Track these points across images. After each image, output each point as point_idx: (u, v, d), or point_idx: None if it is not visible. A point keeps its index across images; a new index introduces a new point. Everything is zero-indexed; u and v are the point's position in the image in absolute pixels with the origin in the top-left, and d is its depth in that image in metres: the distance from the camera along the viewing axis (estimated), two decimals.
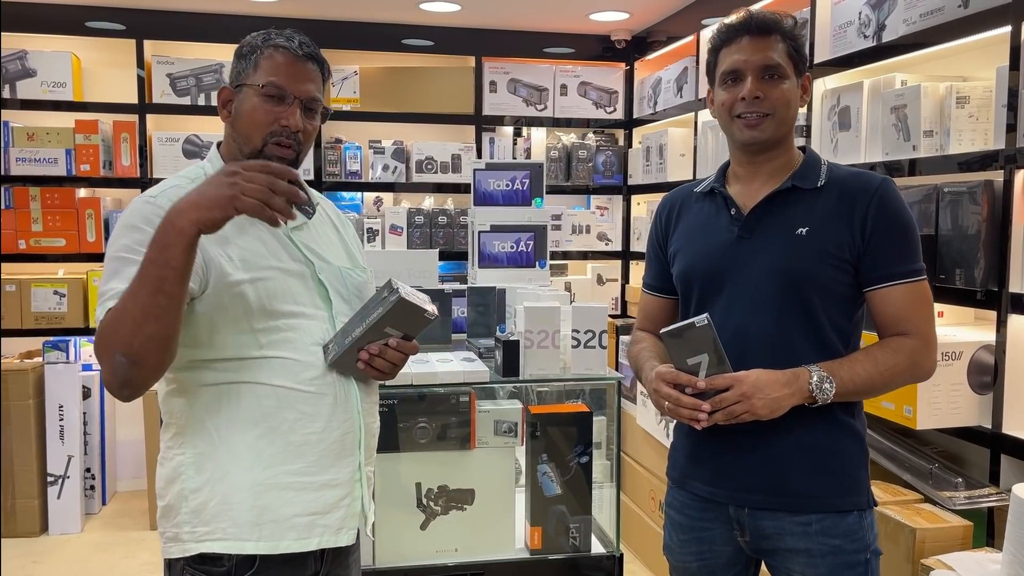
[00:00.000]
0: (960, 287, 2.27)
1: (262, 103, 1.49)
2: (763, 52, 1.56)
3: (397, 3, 4.01)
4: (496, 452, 2.18)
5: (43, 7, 4.03)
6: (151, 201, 1.44)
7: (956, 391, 2.24)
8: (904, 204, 1.59)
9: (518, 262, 3.03)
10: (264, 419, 1.46)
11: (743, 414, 1.48)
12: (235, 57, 1.55)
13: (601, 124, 4.75)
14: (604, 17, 4.25)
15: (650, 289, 1.83)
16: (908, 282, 1.55)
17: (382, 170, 4.44)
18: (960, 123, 2.35)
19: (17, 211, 4.02)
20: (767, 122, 1.57)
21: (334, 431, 1.50)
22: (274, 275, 1.48)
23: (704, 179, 1.75)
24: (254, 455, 1.46)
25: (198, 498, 1.46)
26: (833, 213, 1.56)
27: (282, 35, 1.53)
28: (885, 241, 1.55)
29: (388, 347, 1.50)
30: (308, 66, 1.52)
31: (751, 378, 1.48)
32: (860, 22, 2.72)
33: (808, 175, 1.60)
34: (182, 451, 1.48)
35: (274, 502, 1.46)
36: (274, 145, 1.50)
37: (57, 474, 3.91)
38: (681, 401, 1.51)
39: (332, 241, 1.65)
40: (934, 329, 1.59)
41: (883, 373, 1.53)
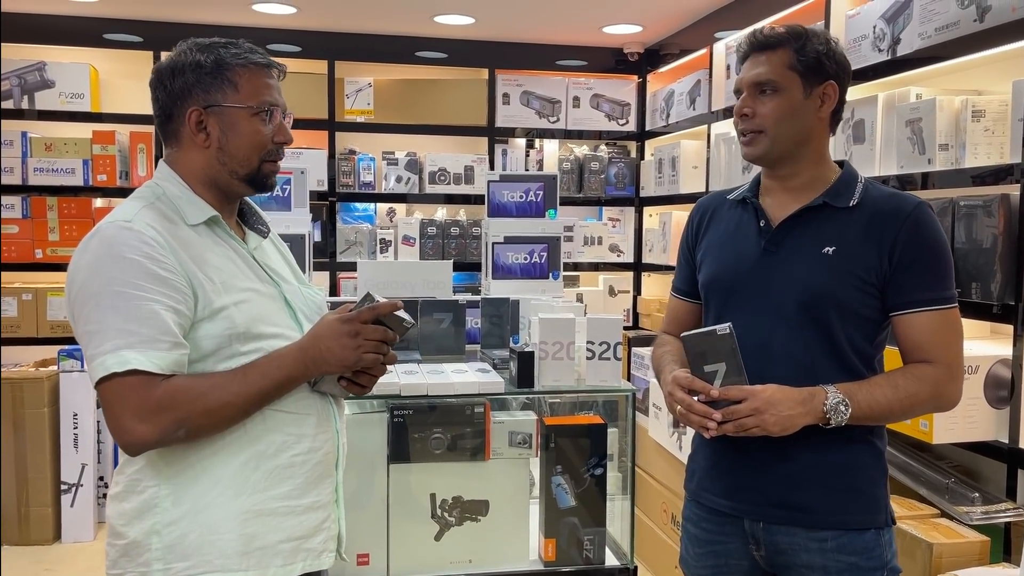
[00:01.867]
0: (976, 301, 2.26)
1: (259, 124, 1.46)
2: (757, 68, 1.56)
3: (411, 16, 4.04)
4: (510, 463, 2.18)
5: (62, 19, 4.08)
6: (127, 226, 1.37)
7: (973, 405, 2.23)
8: (939, 229, 1.54)
9: (531, 273, 3.03)
10: (251, 444, 1.42)
11: (753, 428, 1.46)
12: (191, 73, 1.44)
13: (613, 136, 4.77)
14: (617, 30, 4.27)
15: (679, 293, 1.82)
16: (935, 309, 1.51)
17: (395, 181, 4.46)
18: (976, 137, 2.35)
19: (34, 220, 4.06)
20: (759, 139, 1.57)
21: (318, 451, 1.48)
22: (252, 297, 1.45)
23: (739, 187, 1.73)
24: (239, 482, 1.41)
25: (174, 532, 1.38)
26: (862, 235, 1.53)
27: (243, 47, 1.49)
28: (914, 267, 1.51)
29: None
30: (277, 75, 1.51)
31: (766, 393, 1.47)
32: (875, 36, 2.73)
33: (842, 193, 1.58)
34: (155, 483, 1.39)
35: (261, 529, 1.42)
36: (269, 162, 1.49)
37: (71, 482, 3.92)
38: (693, 407, 1.50)
39: (279, 260, 1.62)
40: (961, 359, 1.55)
41: (903, 400, 1.50)
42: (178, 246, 1.38)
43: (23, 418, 3.85)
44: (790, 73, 1.55)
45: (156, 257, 1.34)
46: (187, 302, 1.36)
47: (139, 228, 1.36)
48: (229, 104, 1.44)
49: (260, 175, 1.48)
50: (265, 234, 1.58)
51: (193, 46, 1.48)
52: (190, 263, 1.38)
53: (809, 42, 1.56)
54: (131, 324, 1.31)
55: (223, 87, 1.44)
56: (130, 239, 1.35)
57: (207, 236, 1.45)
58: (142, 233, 1.35)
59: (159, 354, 1.32)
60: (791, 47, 1.56)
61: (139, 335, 1.31)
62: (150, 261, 1.34)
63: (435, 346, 2.46)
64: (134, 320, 1.31)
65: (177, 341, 1.34)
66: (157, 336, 1.32)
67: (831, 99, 1.58)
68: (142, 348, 1.31)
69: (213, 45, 1.47)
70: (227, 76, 1.45)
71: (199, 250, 1.41)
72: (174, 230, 1.40)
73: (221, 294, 1.40)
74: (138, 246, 1.34)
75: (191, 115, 1.44)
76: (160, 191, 1.46)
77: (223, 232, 1.48)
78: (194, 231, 1.43)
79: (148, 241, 1.35)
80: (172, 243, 1.37)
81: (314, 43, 4.33)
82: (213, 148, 1.45)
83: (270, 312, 1.46)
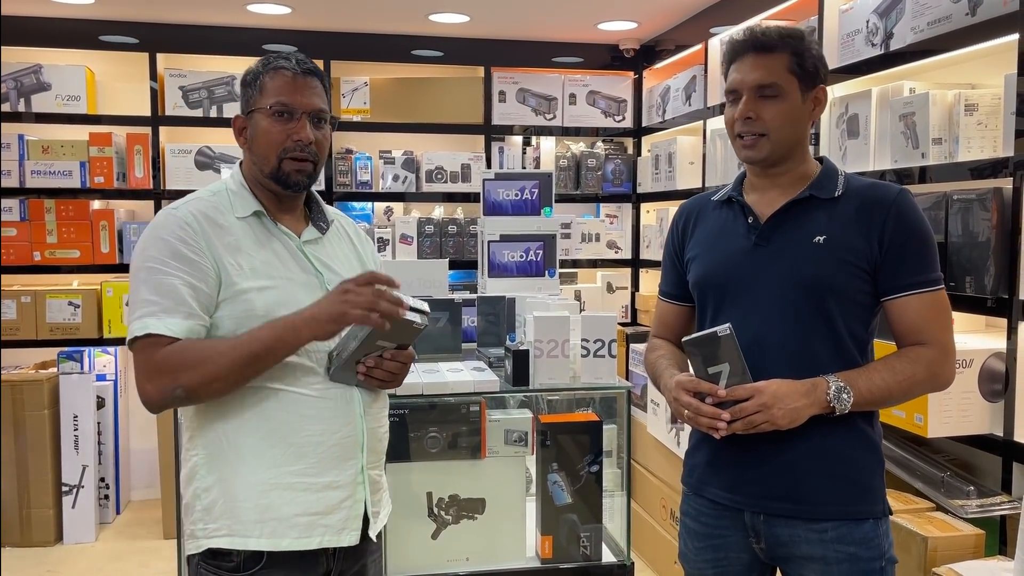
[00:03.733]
0: (971, 295, 2.26)
1: (273, 123, 1.57)
2: (760, 71, 1.57)
3: (406, 14, 4.04)
4: (506, 461, 2.19)
5: (57, 21, 4.08)
6: (173, 213, 1.55)
7: (967, 399, 2.23)
8: (921, 215, 1.59)
9: (528, 271, 3.04)
10: (267, 421, 1.53)
11: (763, 424, 1.49)
12: (241, 87, 1.64)
13: (610, 133, 4.77)
14: (612, 26, 4.27)
15: (667, 297, 1.84)
16: (925, 291, 1.55)
17: (392, 180, 4.47)
18: (969, 131, 2.35)
19: (32, 223, 4.07)
20: (762, 142, 1.59)
21: (334, 434, 1.56)
22: (282, 284, 1.56)
23: (722, 187, 1.76)
24: (258, 456, 1.53)
25: (209, 496, 1.54)
26: (851, 222, 1.57)
27: (280, 56, 1.61)
28: (902, 252, 1.55)
29: (383, 358, 1.56)
30: (310, 80, 1.60)
31: (771, 388, 1.49)
32: (868, 30, 2.73)
33: (826, 185, 1.61)
34: (196, 452, 1.57)
35: (276, 501, 1.52)
36: (289, 160, 1.57)
37: (72, 484, 3.94)
38: (701, 410, 1.52)
39: (347, 255, 1.72)
40: (952, 338, 1.60)
41: (901, 383, 1.54)
42: (214, 234, 1.53)
43: (23, 420, 3.86)
44: (790, 77, 1.58)
45: (187, 240, 1.51)
46: (208, 281, 1.51)
47: (180, 215, 1.54)
48: (254, 107, 1.59)
49: (281, 172, 1.58)
50: (324, 230, 1.68)
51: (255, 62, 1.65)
52: (221, 249, 1.53)
53: (807, 46, 1.58)
54: (154, 295, 1.48)
55: (254, 93, 1.60)
56: (170, 223, 1.53)
57: (254, 227, 1.59)
58: (181, 219, 1.53)
59: (175, 320, 1.47)
60: (790, 50, 1.57)
61: (160, 305, 1.48)
62: (181, 243, 1.50)
63: (431, 345, 2.47)
64: (157, 292, 1.48)
65: (192, 311, 1.49)
66: (174, 306, 1.48)
67: (822, 103, 1.63)
68: (161, 316, 1.47)
69: (265, 57, 1.63)
70: (259, 82, 1.60)
71: (238, 239, 1.56)
72: (218, 219, 1.56)
73: (247, 278, 1.53)
74: (174, 230, 1.51)
75: (235, 121, 1.64)
76: (223, 187, 1.63)
77: (271, 224, 1.61)
78: (242, 223, 1.58)
79: (184, 226, 1.52)
80: (207, 230, 1.53)
81: (309, 42, 4.33)
82: (247, 150, 1.62)
83: (298, 299, 1.54)
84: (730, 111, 1.62)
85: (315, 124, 1.59)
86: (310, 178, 1.61)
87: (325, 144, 1.63)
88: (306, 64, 1.61)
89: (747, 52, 1.59)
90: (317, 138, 1.59)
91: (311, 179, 1.61)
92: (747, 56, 1.59)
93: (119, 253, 4.17)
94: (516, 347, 2.17)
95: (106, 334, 4.13)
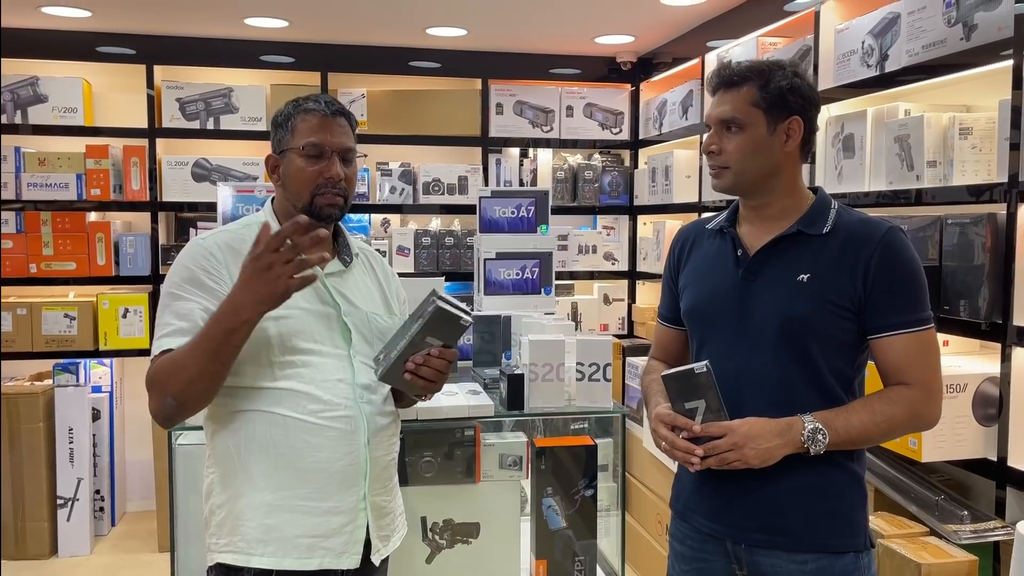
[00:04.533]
0: (965, 318, 2.26)
1: (306, 162, 1.67)
2: (723, 105, 1.61)
3: (404, 28, 4.04)
4: (501, 486, 2.20)
5: (55, 33, 4.08)
6: (201, 243, 1.66)
7: (961, 423, 2.23)
8: (911, 252, 1.58)
9: (524, 289, 3.04)
10: (274, 446, 1.60)
11: (735, 462, 1.51)
12: (272, 127, 1.75)
13: (607, 145, 4.77)
14: (610, 40, 4.27)
15: (664, 320, 1.87)
16: (911, 331, 1.55)
17: (389, 192, 4.47)
18: (963, 154, 2.36)
19: (28, 235, 4.07)
20: (725, 174, 1.63)
21: (337, 461, 1.62)
22: (298, 314, 1.63)
23: (717, 215, 1.78)
24: (265, 478, 1.60)
25: (222, 513, 1.64)
26: (836, 261, 1.57)
27: (310, 99, 1.72)
28: (888, 291, 1.55)
29: (431, 356, 1.60)
30: (338, 120, 1.70)
31: (744, 428, 1.51)
32: (863, 51, 2.73)
33: (816, 220, 1.62)
34: (212, 470, 1.67)
35: (280, 522, 1.59)
36: (321, 196, 1.67)
37: (67, 496, 3.94)
38: (676, 444, 1.55)
39: (370, 288, 1.80)
40: (939, 379, 1.59)
41: (880, 424, 1.54)
42: (236, 263, 1.59)
43: (19, 433, 3.86)
44: (754, 110, 1.59)
45: (209, 269, 1.61)
46: None
47: (207, 244, 1.65)
48: (286, 147, 1.70)
49: (314, 207, 1.67)
50: (348, 263, 1.76)
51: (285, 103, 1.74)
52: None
53: (773, 79, 1.59)
54: (172, 319, 1.59)
55: (286, 135, 1.70)
56: (196, 252, 1.64)
57: None
58: (207, 249, 1.64)
59: (185, 340, 1.54)
60: (755, 84, 1.60)
61: (175, 327, 1.57)
62: (202, 271, 1.61)
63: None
64: (175, 315, 1.59)
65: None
66: (187, 329, 1.56)
67: (796, 134, 1.62)
68: (176, 336, 1.56)
69: (295, 100, 1.73)
70: (290, 124, 1.70)
71: None
72: (243, 250, 1.59)
73: None
74: (197, 259, 1.62)
75: (268, 160, 1.74)
76: (256, 220, 1.72)
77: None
78: None
79: (208, 255, 1.62)
80: (230, 260, 1.62)
81: (307, 54, 4.33)
82: (281, 186, 1.72)
83: (315, 330, 1.64)
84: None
85: (344, 161, 1.70)
86: (341, 211, 1.71)
87: (354, 179, 1.73)
88: (334, 106, 1.71)
89: (718, 88, 1.64)
90: (347, 174, 1.70)
91: (342, 212, 1.71)
92: (718, 92, 1.65)
93: (115, 265, 4.17)
94: (511, 370, 2.18)
95: (102, 346, 4.13)
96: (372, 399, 1.69)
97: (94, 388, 4.16)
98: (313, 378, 1.62)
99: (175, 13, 3.78)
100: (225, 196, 2.95)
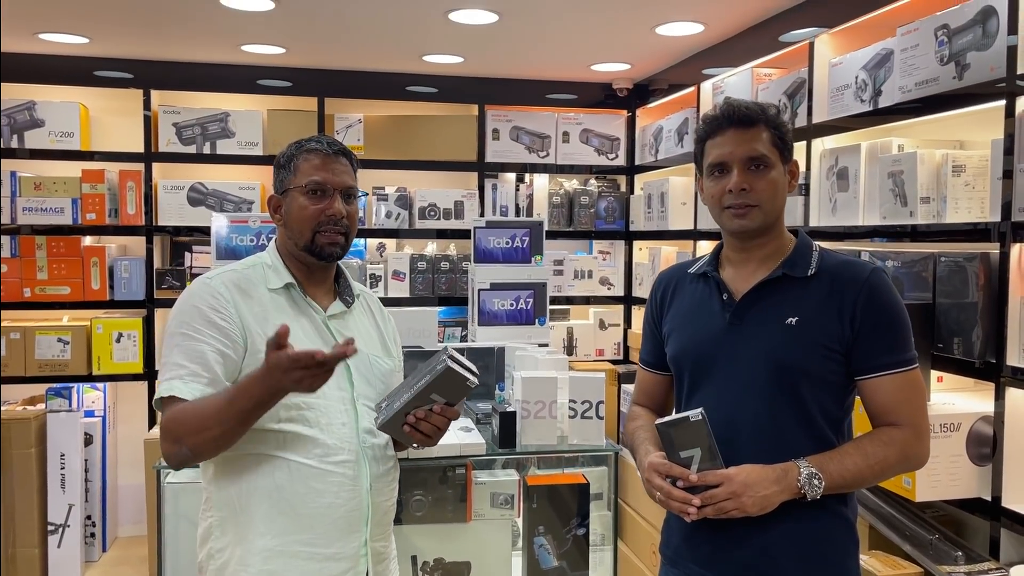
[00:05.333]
0: (959, 357, 2.26)
1: (308, 200, 1.68)
2: (748, 144, 1.58)
3: (401, 54, 4.05)
4: (492, 524, 2.18)
5: (52, 59, 4.09)
6: (207, 282, 1.66)
7: (955, 463, 2.22)
8: (894, 293, 1.60)
9: (518, 319, 3.04)
10: (277, 490, 1.59)
11: (733, 511, 1.50)
12: (275, 168, 1.76)
13: (603, 170, 4.78)
14: (606, 67, 4.29)
15: (646, 365, 1.84)
16: (898, 372, 1.56)
17: (385, 217, 4.47)
18: (957, 191, 2.36)
19: (23, 259, 4.06)
20: (755, 212, 1.60)
21: (340, 507, 1.62)
22: None
23: (698, 259, 1.78)
24: (267, 523, 1.59)
25: (222, 557, 1.62)
26: (823, 303, 1.58)
27: (312, 140, 1.74)
28: (875, 332, 1.56)
29: (432, 412, 1.60)
30: (340, 160, 1.72)
31: (741, 476, 1.49)
32: (857, 85, 2.74)
33: (798, 263, 1.62)
34: (211, 514, 1.65)
35: (281, 568, 1.58)
36: (323, 233, 1.67)
37: (58, 523, 3.91)
38: (672, 494, 1.52)
39: (369, 331, 1.81)
40: (926, 418, 1.60)
41: (873, 466, 1.54)
42: (244, 304, 1.63)
43: (10, 458, 3.83)
44: (774, 149, 1.61)
45: (218, 308, 1.61)
46: (235, 349, 1.60)
47: (214, 284, 1.64)
48: (289, 187, 1.71)
49: (315, 245, 1.69)
50: (349, 303, 1.77)
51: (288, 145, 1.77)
52: (251, 319, 1.63)
53: (779, 120, 1.61)
54: (183, 360, 1.57)
55: (288, 175, 1.72)
56: (203, 292, 1.64)
57: (282, 299, 1.69)
58: (215, 288, 1.64)
59: (197, 386, 1.56)
60: (766, 124, 1.60)
61: (187, 369, 1.56)
62: (213, 311, 1.60)
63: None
64: (185, 356, 1.57)
65: (215, 379, 1.57)
66: (199, 371, 1.56)
67: (796, 175, 1.66)
68: (186, 379, 1.56)
69: (297, 141, 1.75)
70: (293, 164, 1.72)
71: (266, 310, 1.65)
72: (249, 290, 1.66)
73: None
74: (206, 298, 1.62)
75: (270, 200, 1.76)
76: (260, 260, 1.74)
77: (299, 297, 1.71)
78: (272, 294, 1.69)
79: (216, 295, 1.62)
80: (238, 300, 1.63)
81: (304, 80, 4.34)
82: (283, 225, 1.73)
83: None
84: (717, 184, 1.62)
85: (346, 200, 1.71)
86: (342, 249, 1.72)
87: (355, 217, 1.74)
88: (336, 146, 1.73)
89: (728, 127, 1.61)
90: (348, 212, 1.71)
91: (343, 250, 1.72)
92: (727, 130, 1.60)
93: (109, 289, 4.16)
94: (503, 408, 2.16)
95: (95, 371, 4.11)
96: (375, 443, 1.69)
97: (87, 412, 4.14)
98: (318, 421, 1.62)
99: (173, 39, 3.80)
100: (220, 226, 2.95)
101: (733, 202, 1.60)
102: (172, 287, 4.09)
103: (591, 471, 2.54)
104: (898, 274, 2.45)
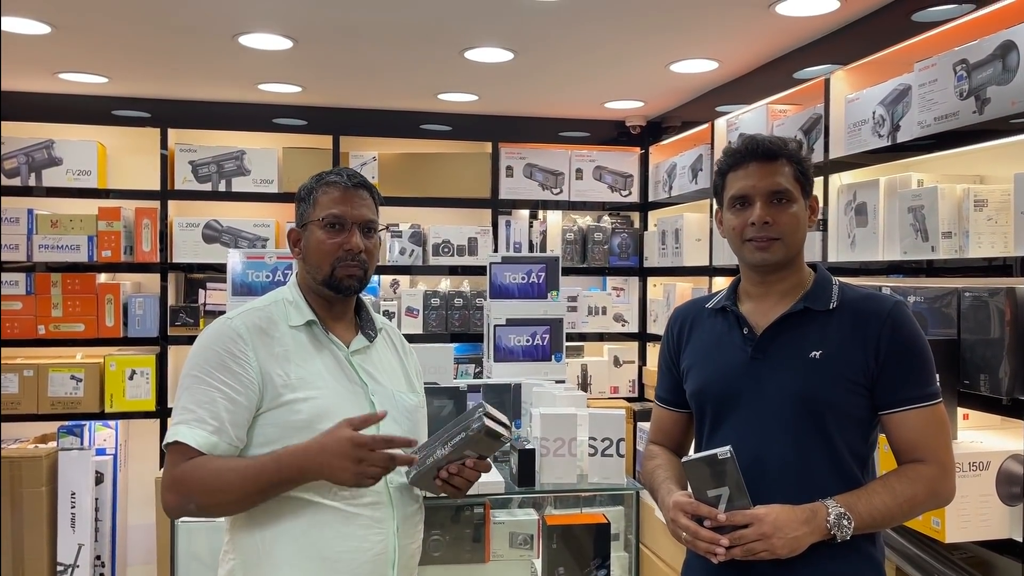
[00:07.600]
0: (985, 394, 2.22)
1: (326, 234, 1.66)
2: (771, 177, 1.58)
3: (416, 93, 4.09)
4: (511, 565, 2.13)
5: (71, 98, 4.14)
6: (228, 323, 1.62)
7: (985, 503, 2.17)
8: (917, 327, 1.58)
9: (534, 356, 3.01)
10: (303, 534, 1.55)
11: (762, 552, 1.45)
12: (296, 201, 1.74)
13: (616, 207, 4.78)
14: (619, 105, 4.31)
15: (663, 402, 1.81)
16: (923, 406, 1.54)
17: (399, 253, 4.47)
18: (979, 226, 2.34)
19: (38, 297, 4.07)
20: (777, 245, 1.59)
21: (367, 551, 1.58)
22: (326, 395, 1.61)
23: (716, 294, 1.76)
24: (292, 567, 1.54)
25: None
26: (847, 337, 1.56)
27: (332, 172, 1.72)
28: (900, 366, 1.54)
29: (465, 466, 1.59)
30: (360, 193, 1.69)
31: (771, 517, 1.45)
32: (875, 121, 2.74)
33: (820, 296, 1.61)
34: (233, 557, 1.61)
35: None
36: (341, 267, 1.65)
37: (67, 563, 3.86)
38: (700, 535, 1.48)
39: (392, 366, 1.78)
40: (951, 454, 1.58)
41: (902, 505, 1.51)
42: (263, 345, 1.60)
43: (21, 497, 3.80)
44: (796, 184, 1.61)
45: (235, 353, 1.57)
46: (249, 394, 1.56)
47: (234, 325, 1.61)
48: (308, 220, 1.69)
49: (334, 279, 1.66)
50: (372, 338, 1.74)
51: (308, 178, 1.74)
52: (270, 359, 1.59)
53: (801, 155, 1.61)
54: (192, 404, 1.55)
55: (308, 208, 1.70)
56: (223, 333, 1.60)
57: (304, 336, 1.66)
58: (234, 330, 1.60)
59: (203, 434, 1.52)
60: (788, 159, 1.60)
61: (195, 414, 1.54)
62: (228, 355, 1.57)
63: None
64: (195, 401, 1.55)
65: (222, 427, 1.54)
66: (206, 418, 1.53)
67: (816, 210, 1.66)
68: (192, 425, 1.53)
69: (318, 174, 1.72)
70: (313, 197, 1.69)
71: (287, 349, 1.62)
72: (270, 330, 1.63)
73: (294, 389, 1.58)
74: (224, 341, 1.58)
75: (290, 234, 1.73)
76: (281, 296, 1.71)
77: (321, 333, 1.68)
78: (294, 331, 1.65)
79: (235, 337, 1.58)
80: (257, 343, 1.60)
81: (319, 118, 4.38)
82: (302, 259, 1.71)
83: (343, 410, 1.58)
84: (739, 217, 1.61)
85: (365, 234, 1.68)
86: (361, 283, 1.68)
87: (375, 252, 1.71)
88: (356, 178, 1.70)
89: (751, 160, 1.60)
90: (367, 246, 1.68)
91: (362, 284, 1.69)
92: (750, 164, 1.60)
93: (123, 326, 4.16)
94: (522, 446, 2.13)
95: (107, 408, 4.10)
96: (401, 484, 1.66)
97: (98, 451, 4.11)
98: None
99: (191, 78, 3.84)
100: (235, 262, 2.95)
101: (755, 235, 1.58)
102: (186, 324, 4.09)
103: (608, 511, 2.49)
104: (920, 309, 2.41)
